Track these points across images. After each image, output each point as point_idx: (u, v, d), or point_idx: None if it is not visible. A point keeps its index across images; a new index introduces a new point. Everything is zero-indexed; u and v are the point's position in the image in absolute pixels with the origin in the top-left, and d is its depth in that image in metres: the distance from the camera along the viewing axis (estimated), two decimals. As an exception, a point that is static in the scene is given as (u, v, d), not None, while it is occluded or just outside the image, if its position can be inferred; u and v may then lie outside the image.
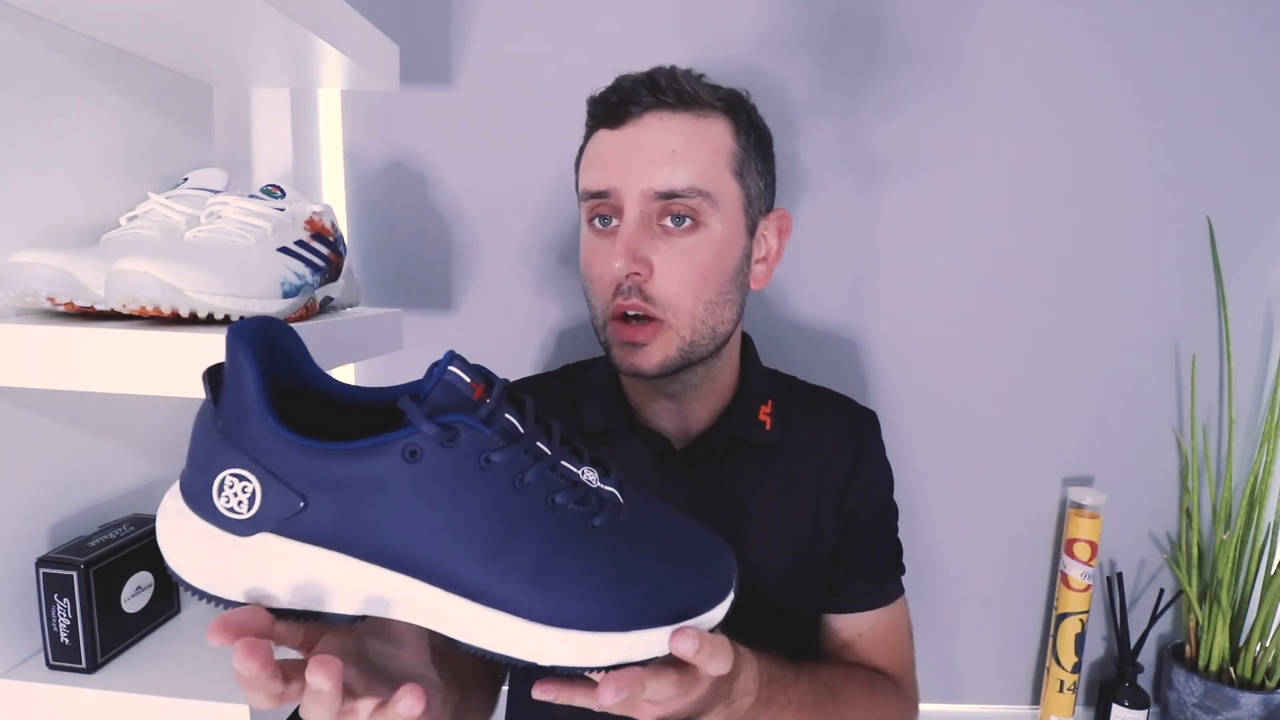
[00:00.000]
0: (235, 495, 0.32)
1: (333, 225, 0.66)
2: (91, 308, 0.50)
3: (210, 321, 0.50)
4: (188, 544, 0.33)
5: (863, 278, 0.93)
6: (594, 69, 0.88)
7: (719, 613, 0.39)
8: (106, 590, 0.55)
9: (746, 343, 0.73)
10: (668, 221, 0.60)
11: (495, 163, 0.91)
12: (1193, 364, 0.93)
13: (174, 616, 0.63)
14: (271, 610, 0.33)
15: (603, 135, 0.62)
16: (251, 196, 0.60)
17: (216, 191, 0.61)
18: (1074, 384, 0.95)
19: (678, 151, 0.59)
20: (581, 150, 0.66)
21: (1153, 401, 0.95)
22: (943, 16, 0.88)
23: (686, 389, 0.66)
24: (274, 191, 0.62)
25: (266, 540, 0.32)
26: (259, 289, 0.53)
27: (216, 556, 0.33)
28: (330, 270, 0.64)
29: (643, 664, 0.37)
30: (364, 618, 0.35)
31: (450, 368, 0.35)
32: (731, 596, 0.39)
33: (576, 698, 0.39)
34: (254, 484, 0.31)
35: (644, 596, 0.36)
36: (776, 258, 0.68)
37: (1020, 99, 0.89)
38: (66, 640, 0.53)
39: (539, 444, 0.36)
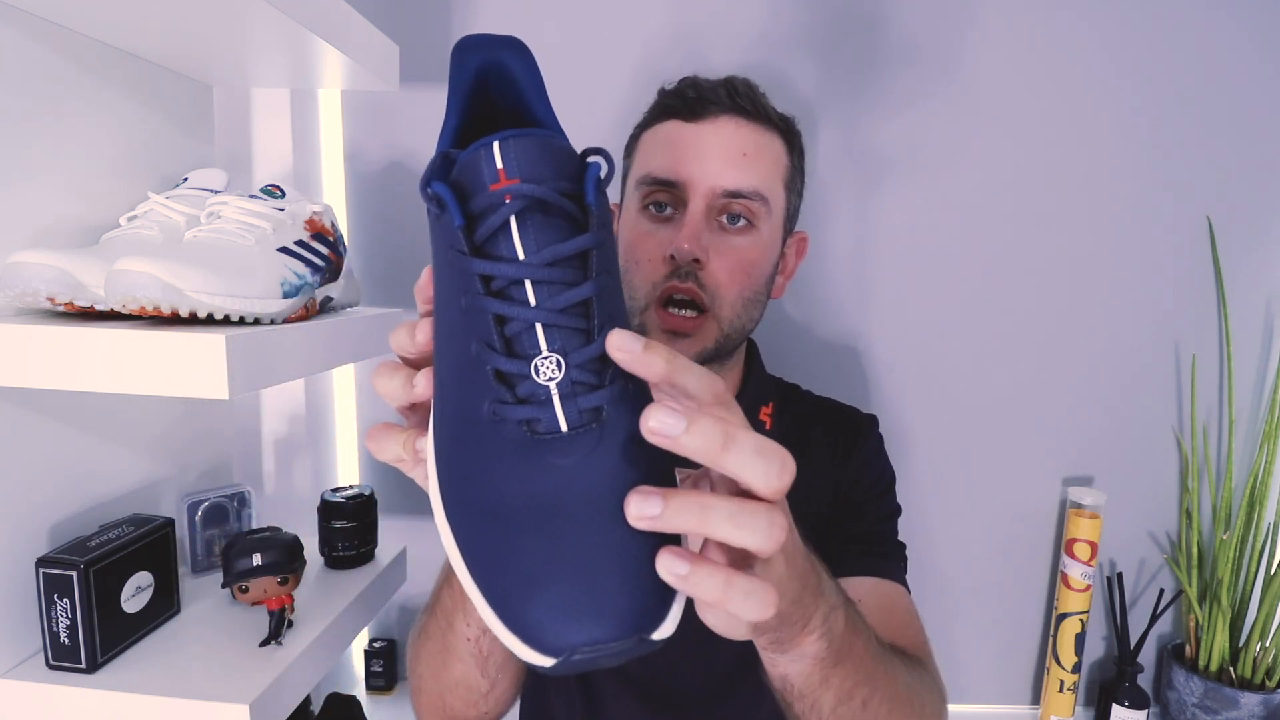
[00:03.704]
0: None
1: (333, 225, 0.66)
2: (91, 308, 0.50)
3: (210, 321, 0.50)
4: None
5: (862, 278, 0.93)
6: (594, 69, 0.89)
7: (539, 655, 0.25)
8: (106, 590, 0.55)
9: (751, 346, 0.74)
10: (724, 219, 0.63)
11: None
12: (1193, 364, 0.93)
13: (174, 616, 0.63)
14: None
15: (675, 125, 0.64)
16: (251, 196, 0.60)
17: (216, 191, 0.61)
18: (1074, 384, 0.95)
19: (748, 155, 0.63)
20: (636, 136, 0.69)
21: (1153, 401, 0.95)
22: (943, 18, 0.88)
23: None
24: (274, 191, 0.62)
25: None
26: (259, 289, 0.53)
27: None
28: (330, 270, 0.64)
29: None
30: None
31: (496, 143, 0.26)
32: (578, 658, 0.24)
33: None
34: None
35: (489, 544, 0.26)
36: (791, 274, 0.73)
37: (1019, 100, 0.89)
38: (66, 640, 0.53)
39: (525, 282, 0.26)
